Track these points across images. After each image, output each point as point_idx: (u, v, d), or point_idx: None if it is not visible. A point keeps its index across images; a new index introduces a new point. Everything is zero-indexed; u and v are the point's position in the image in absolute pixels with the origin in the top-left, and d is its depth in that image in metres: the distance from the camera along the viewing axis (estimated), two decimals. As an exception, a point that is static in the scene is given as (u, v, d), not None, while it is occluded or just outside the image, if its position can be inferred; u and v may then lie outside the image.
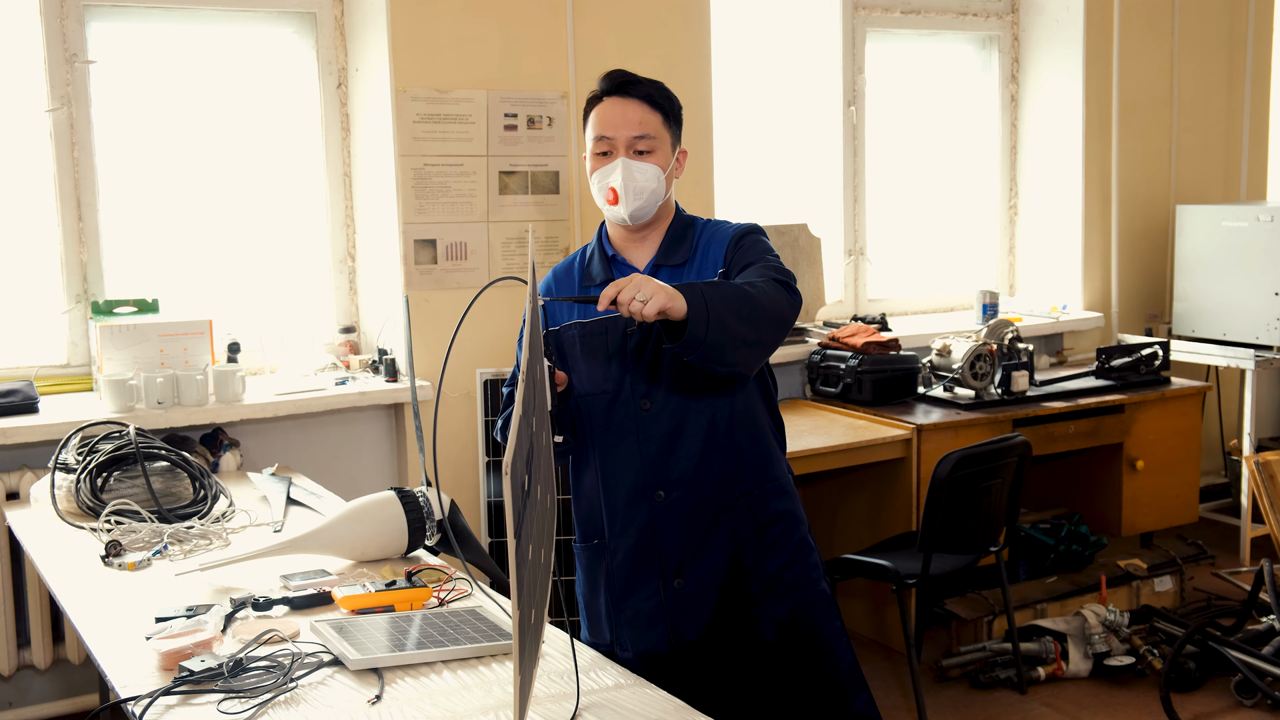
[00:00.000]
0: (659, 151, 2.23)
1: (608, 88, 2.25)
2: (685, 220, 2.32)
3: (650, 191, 2.22)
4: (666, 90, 2.28)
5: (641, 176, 2.21)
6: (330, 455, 3.76)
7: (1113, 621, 3.95)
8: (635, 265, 2.29)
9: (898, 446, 3.94)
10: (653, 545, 2.24)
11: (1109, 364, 4.53)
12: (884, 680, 3.94)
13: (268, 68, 3.85)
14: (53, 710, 3.48)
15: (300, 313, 3.93)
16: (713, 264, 2.26)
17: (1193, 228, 4.97)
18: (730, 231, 2.29)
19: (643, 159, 2.21)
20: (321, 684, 1.80)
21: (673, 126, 2.27)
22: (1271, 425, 5.63)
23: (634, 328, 2.23)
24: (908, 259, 5.08)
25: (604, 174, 2.23)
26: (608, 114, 2.23)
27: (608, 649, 2.33)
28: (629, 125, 2.21)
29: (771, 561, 2.27)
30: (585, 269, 2.33)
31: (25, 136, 3.52)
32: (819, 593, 2.32)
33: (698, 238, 2.29)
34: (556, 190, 3.97)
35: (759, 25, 4.68)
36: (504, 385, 2.43)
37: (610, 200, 2.22)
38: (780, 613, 2.27)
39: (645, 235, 2.29)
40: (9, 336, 3.54)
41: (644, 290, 1.90)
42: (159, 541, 2.54)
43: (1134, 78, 5.10)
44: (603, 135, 2.23)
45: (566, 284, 2.35)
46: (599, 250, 2.32)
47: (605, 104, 2.24)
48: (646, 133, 2.22)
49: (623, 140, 2.21)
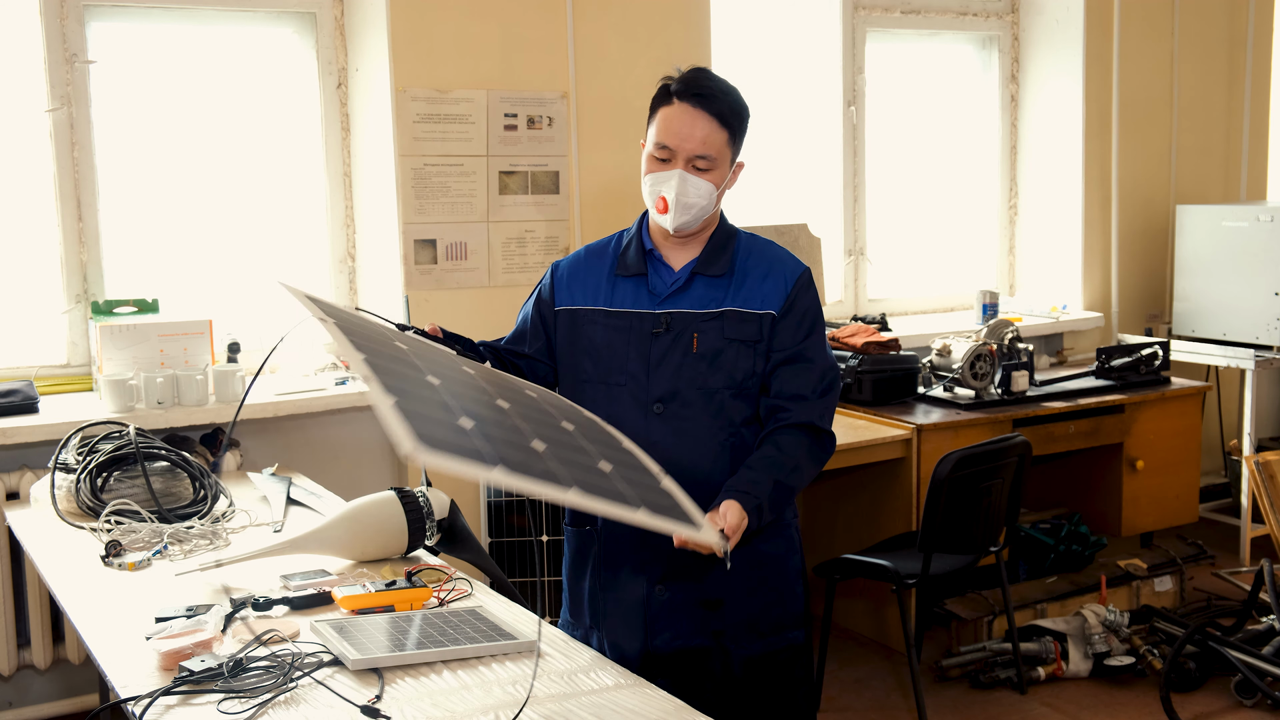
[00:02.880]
0: (716, 170, 2.18)
1: (682, 90, 2.17)
2: (728, 230, 2.29)
3: (700, 208, 2.19)
4: (740, 105, 2.20)
5: (695, 193, 2.17)
6: (330, 455, 3.76)
7: (1113, 621, 3.95)
8: (672, 265, 2.26)
9: (898, 446, 3.94)
10: (641, 548, 2.24)
11: (1109, 364, 4.53)
12: (884, 680, 3.94)
13: (268, 68, 3.85)
14: (53, 710, 3.48)
15: (301, 312, 3.92)
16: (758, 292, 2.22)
17: (1193, 228, 4.97)
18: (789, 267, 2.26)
19: (700, 174, 2.17)
20: (321, 684, 1.80)
21: (736, 144, 2.21)
22: (1271, 425, 5.63)
23: (661, 329, 2.22)
24: (908, 259, 5.09)
25: (658, 180, 2.18)
26: (674, 122, 2.16)
27: (584, 635, 2.33)
28: (693, 141, 2.15)
29: (755, 600, 2.26)
30: (620, 255, 2.30)
31: (25, 136, 3.52)
32: (793, 640, 2.30)
33: (737, 251, 2.27)
34: (556, 190, 3.97)
35: (759, 25, 4.68)
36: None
37: (659, 209, 2.19)
38: (752, 651, 2.27)
39: (688, 240, 2.27)
40: (9, 336, 3.55)
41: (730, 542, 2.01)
42: (159, 541, 2.54)
43: (1134, 78, 5.10)
44: (664, 144, 2.17)
45: (597, 263, 2.31)
46: (637, 241, 2.29)
47: (675, 108, 2.17)
48: (709, 153, 2.16)
49: (684, 154, 2.16)
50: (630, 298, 2.25)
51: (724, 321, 2.21)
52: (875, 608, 4.24)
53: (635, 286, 2.26)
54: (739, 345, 2.20)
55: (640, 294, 2.25)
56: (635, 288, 2.26)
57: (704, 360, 2.20)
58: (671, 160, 2.17)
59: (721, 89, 2.19)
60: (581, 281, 2.30)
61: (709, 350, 2.20)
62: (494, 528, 3.78)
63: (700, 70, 2.21)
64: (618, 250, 2.31)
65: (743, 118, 2.22)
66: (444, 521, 2.49)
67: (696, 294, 2.23)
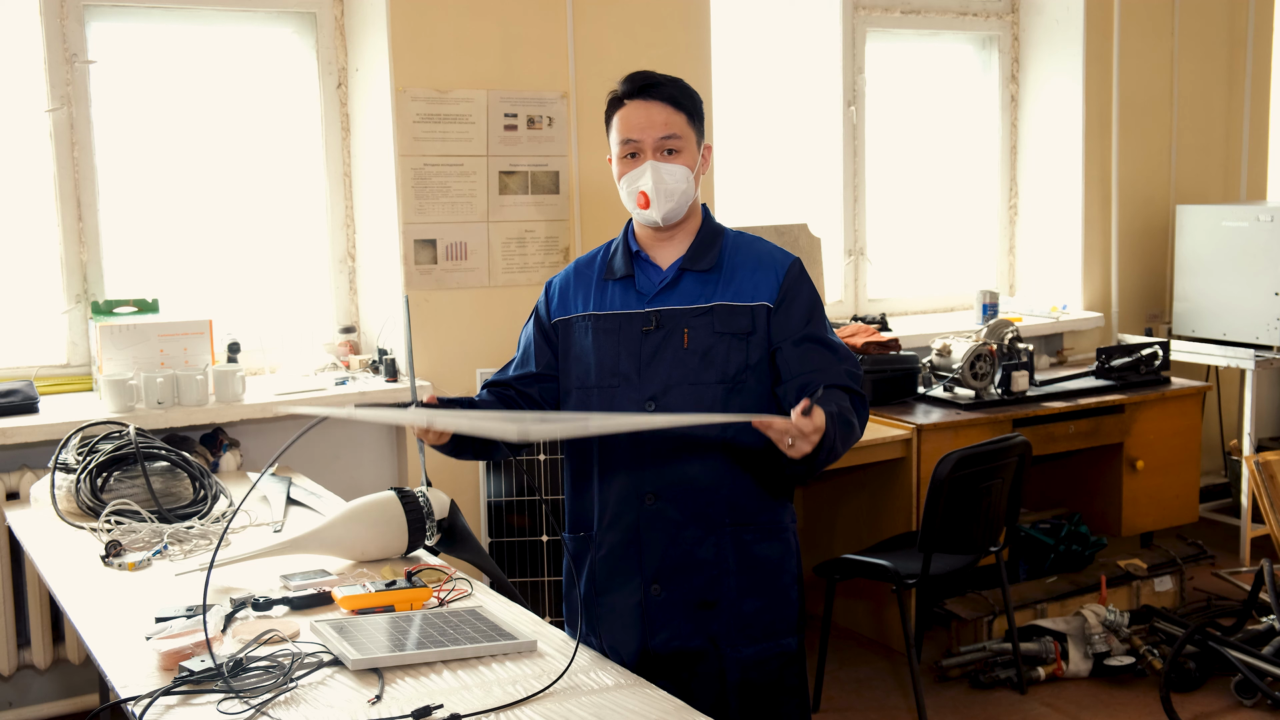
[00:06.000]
0: (686, 151, 2.22)
1: (629, 90, 2.23)
2: (714, 228, 2.31)
3: (681, 192, 2.21)
4: (688, 88, 2.26)
5: (671, 178, 2.19)
6: (330, 455, 3.76)
7: (1113, 621, 3.95)
8: (660, 264, 2.27)
9: (898, 446, 3.94)
10: (636, 547, 2.24)
11: (1109, 364, 4.53)
12: (884, 680, 3.94)
13: (268, 68, 3.85)
14: (53, 710, 3.48)
15: (300, 313, 3.93)
16: (748, 284, 2.23)
17: (1193, 228, 4.97)
18: (779, 260, 2.27)
19: (671, 159, 2.20)
20: (321, 684, 1.80)
21: (697, 124, 2.25)
22: (1271, 425, 5.63)
23: (651, 326, 2.22)
24: (908, 259, 5.08)
25: (633, 178, 2.21)
26: (632, 117, 2.21)
27: (583, 639, 2.32)
28: (655, 127, 2.19)
29: (750, 602, 2.26)
30: (608, 263, 2.31)
31: (25, 136, 3.52)
32: (785, 646, 2.30)
33: (725, 247, 2.28)
34: (556, 190, 3.97)
35: (759, 25, 4.68)
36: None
37: (641, 204, 2.21)
38: (744, 654, 2.27)
39: (673, 235, 2.28)
40: (9, 336, 3.55)
41: (805, 441, 1.94)
42: (159, 541, 2.54)
43: (1134, 78, 5.10)
44: (629, 138, 2.21)
45: (586, 276, 2.33)
46: (624, 246, 2.30)
47: (628, 107, 2.22)
48: (673, 133, 2.20)
49: (650, 142, 2.19)
50: (619, 300, 2.26)
51: (714, 316, 2.21)
52: (875, 608, 4.24)
53: (623, 289, 2.27)
54: (730, 339, 2.21)
55: (629, 295, 2.26)
56: (623, 290, 2.27)
57: (695, 356, 2.20)
58: (640, 154, 2.20)
59: (666, 79, 2.24)
60: (572, 293, 2.32)
61: (700, 346, 2.20)
62: (494, 528, 3.78)
63: (639, 71, 2.26)
64: (605, 258, 2.33)
65: (694, 99, 2.26)
66: (444, 521, 2.49)
67: (685, 290, 2.24)
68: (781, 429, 1.93)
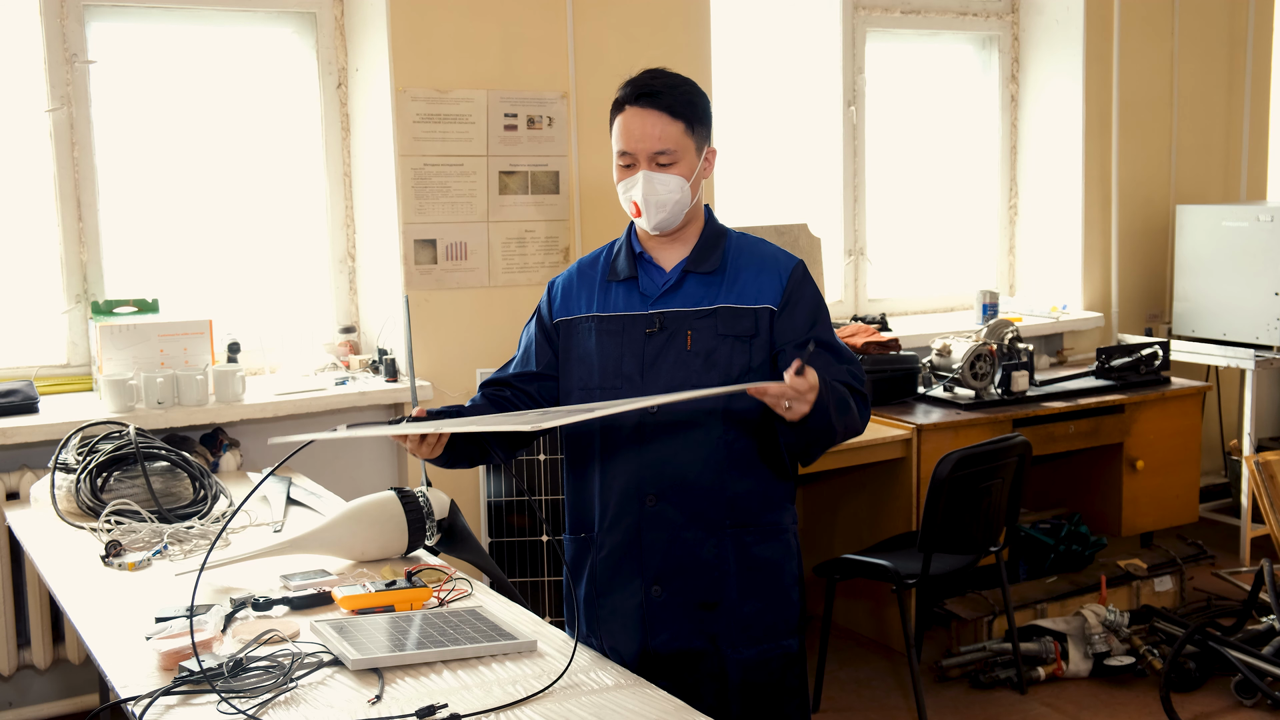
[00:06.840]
0: (682, 162, 2.20)
1: (629, 96, 2.21)
2: (717, 229, 2.30)
3: (674, 203, 2.20)
4: (689, 94, 2.23)
5: (663, 189, 2.19)
6: (330, 455, 3.76)
7: (1113, 621, 3.95)
8: (662, 265, 2.27)
9: (898, 446, 3.94)
10: (637, 548, 2.24)
11: (1109, 364, 4.53)
12: (884, 680, 3.94)
13: (268, 68, 3.85)
14: (53, 710, 3.48)
15: (300, 313, 3.93)
16: (752, 287, 2.23)
17: (1193, 228, 4.97)
18: (782, 262, 2.27)
19: (665, 170, 2.19)
20: (321, 684, 1.80)
21: (698, 131, 2.23)
22: (1271, 425, 5.63)
23: (655, 328, 2.22)
24: (908, 259, 5.08)
25: (627, 186, 2.22)
26: (629, 126, 2.20)
27: (583, 640, 2.33)
28: (648, 140, 2.18)
29: (750, 604, 2.26)
30: (610, 264, 2.31)
31: (25, 136, 3.52)
32: (786, 647, 2.30)
33: (729, 249, 2.28)
34: (556, 190, 3.97)
35: (759, 25, 4.68)
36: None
37: (634, 213, 2.22)
38: (745, 655, 2.27)
39: (676, 237, 2.27)
40: (9, 336, 3.55)
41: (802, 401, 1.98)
42: (159, 541, 2.54)
43: (1134, 78, 5.10)
44: (624, 149, 2.21)
45: (589, 277, 2.32)
46: (627, 246, 2.30)
47: (627, 114, 2.21)
48: (666, 147, 2.18)
49: (643, 154, 2.19)
50: (622, 301, 2.26)
51: (717, 318, 2.21)
52: (875, 608, 4.24)
53: (627, 290, 2.26)
54: (733, 341, 2.21)
55: (632, 297, 2.26)
56: (627, 291, 2.26)
57: (698, 358, 2.20)
58: (635, 164, 2.20)
59: (669, 84, 2.22)
60: (575, 294, 2.31)
61: (703, 348, 2.20)
62: (494, 528, 3.78)
63: (648, 71, 2.24)
64: (608, 259, 2.33)
65: (696, 106, 2.24)
66: (444, 521, 2.49)
67: (689, 292, 2.23)
68: (777, 393, 1.96)
